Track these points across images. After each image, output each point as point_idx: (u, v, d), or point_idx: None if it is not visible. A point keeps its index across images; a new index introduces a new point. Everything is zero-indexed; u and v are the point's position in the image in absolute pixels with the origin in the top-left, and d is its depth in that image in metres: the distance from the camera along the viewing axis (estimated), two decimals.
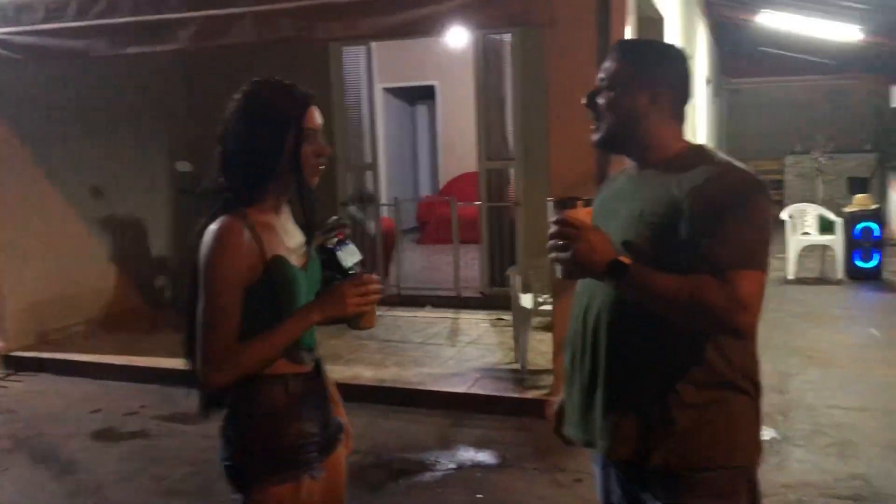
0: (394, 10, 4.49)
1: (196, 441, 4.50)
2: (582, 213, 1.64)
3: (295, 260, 1.89)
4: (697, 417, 1.67)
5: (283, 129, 1.83)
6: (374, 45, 7.64)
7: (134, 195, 7.45)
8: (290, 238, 1.92)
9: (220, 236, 1.79)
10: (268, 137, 1.83)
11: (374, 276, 1.89)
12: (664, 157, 1.75)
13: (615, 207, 1.78)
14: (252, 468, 1.86)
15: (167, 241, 7.82)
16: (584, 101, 1.82)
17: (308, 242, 1.98)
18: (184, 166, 7.27)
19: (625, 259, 1.60)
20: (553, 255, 1.63)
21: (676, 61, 1.80)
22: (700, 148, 1.80)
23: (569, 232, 1.60)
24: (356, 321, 1.90)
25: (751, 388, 1.73)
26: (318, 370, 2.01)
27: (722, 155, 1.74)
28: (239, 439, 1.88)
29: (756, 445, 1.75)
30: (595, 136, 1.80)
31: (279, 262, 1.84)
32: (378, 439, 4.43)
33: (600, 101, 1.78)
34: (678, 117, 1.80)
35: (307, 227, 1.96)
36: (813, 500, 3.57)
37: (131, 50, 5.14)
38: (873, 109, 13.08)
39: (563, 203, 1.66)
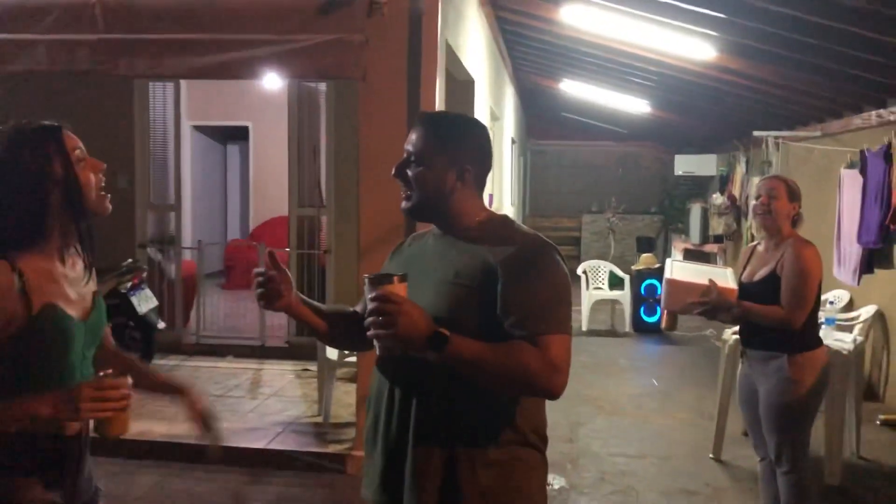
0: (203, 51, 4.37)
1: None
2: (399, 289, 1.64)
3: (74, 310, 1.78)
4: (499, 475, 1.76)
5: (45, 157, 1.74)
6: (183, 81, 7.38)
7: None
8: (73, 287, 1.80)
9: None
10: (29, 172, 1.73)
11: (122, 380, 1.68)
12: (470, 224, 1.85)
13: (425, 268, 1.84)
14: None
15: None
16: (393, 172, 1.86)
17: (95, 289, 1.87)
18: None
19: (444, 331, 1.62)
20: (372, 332, 1.62)
21: (480, 136, 1.90)
22: (505, 218, 1.92)
23: (388, 307, 1.59)
24: (102, 427, 1.71)
25: (541, 444, 1.86)
26: (81, 432, 1.84)
27: (524, 226, 1.88)
28: None
29: (545, 496, 1.89)
30: (405, 205, 1.86)
31: (49, 312, 1.71)
32: (166, 501, 4.16)
33: (409, 172, 1.84)
34: (481, 187, 1.91)
35: (86, 262, 1.84)
36: None
37: None
38: (659, 176, 14.36)
39: (379, 279, 1.65)
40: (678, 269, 3.53)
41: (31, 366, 1.71)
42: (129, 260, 6.36)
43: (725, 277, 3.37)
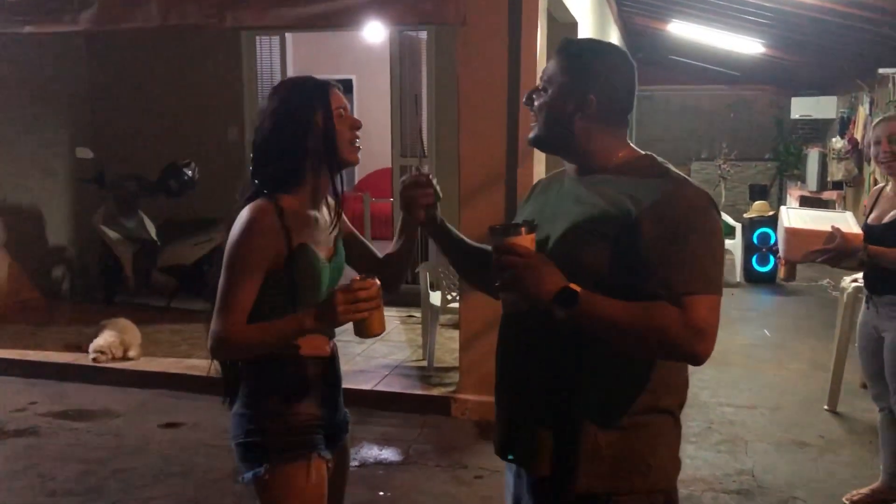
0: (305, 1, 4.43)
1: (88, 439, 4.34)
2: (526, 240, 1.55)
3: (321, 251, 1.95)
4: (621, 441, 1.63)
5: (310, 110, 1.90)
6: (289, 35, 7.52)
7: (29, 181, 7.11)
8: (321, 231, 1.97)
9: (249, 219, 1.85)
10: (296, 121, 1.89)
11: (370, 282, 1.78)
12: (608, 164, 1.68)
13: (557, 212, 1.71)
14: (263, 447, 1.92)
15: (66, 230, 7.50)
16: (524, 100, 1.79)
17: (337, 234, 2.04)
18: (84, 153, 6.97)
19: (574, 287, 1.51)
20: (497, 284, 1.55)
21: (612, 65, 1.71)
22: (651, 159, 1.71)
23: (513, 260, 1.52)
24: (360, 328, 1.81)
25: (676, 409, 1.71)
26: (333, 356, 2.06)
27: (674, 169, 1.67)
28: (251, 418, 1.94)
29: (676, 466, 1.73)
30: (529, 135, 1.77)
31: (303, 251, 1.90)
32: None
33: (536, 101, 1.74)
34: (616, 123, 1.72)
35: (334, 210, 2.00)
36: (701, 495, 3.70)
37: (28, 30, 4.92)
38: (774, 120, 13.66)
39: (506, 230, 1.56)
40: (795, 216, 3.35)
41: (284, 299, 1.89)
42: None
43: (846, 221, 3.19)
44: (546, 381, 1.68)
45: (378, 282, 1.80)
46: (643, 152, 1.74)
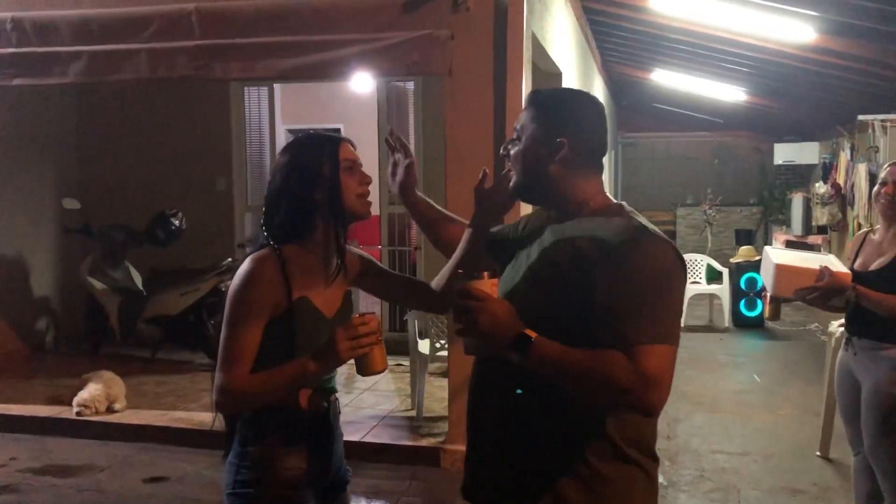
0: (293, 53, 4.48)
1: (68, 495, 4.24)
2: (487, 285, 1.57)
3: (324, 306, 1.93)
4: (589, 493, 1.61)
5: (318, 162, 1.91)
6: (277, 85, 7.59)
7: (15, 231, 7.07)
8: (327, 284, 1.96)
9: (249, 269, 1.86)
10: (303, 172, 1.91)
11: (369, 317, 1.79)
12: (582, 211, 1.69)
13: (524, 254, 1.76)
14: (251, 498, 1.91)
15: (51, 280, 7.44)
16: (501, 151, 1.82)
17: (347, 289, 2.03)
18: (71, 203, 6.95)
19: (529, 332, 1.53)
20: (456, 327, 1.57)
21: (581, 108, 1.74)
22: (620, 208, 1.71)
23: (471, 304, 1.53)
24: (362, 366, 1.81)
25: (647, 462, 1.67)
26: (330, 413, 2.02)
27: (639, 218, 1.66)
28: (240, 468, 1.92)
29: None
30: (510, 185, 1.79)
31: (302, 304, 1.88)
32: None
33: (511, 150, 1.77)
34: (589, 168, 1.73)
35: (338, 263, 1.97)
36: None
37: (17, 82, 4.93)
38: (758, 166, 13.85)
39: (468, 274, 1.59)
40: (780, 255, 3.35)
41: (280, 351, 1.86)
42: (229, 259, 6.59)
43: (830, 263, 3.19)
44: (508, 427, 1.69)
45: (378, 317, 1.82)
46: (616, 201, 1.75)
